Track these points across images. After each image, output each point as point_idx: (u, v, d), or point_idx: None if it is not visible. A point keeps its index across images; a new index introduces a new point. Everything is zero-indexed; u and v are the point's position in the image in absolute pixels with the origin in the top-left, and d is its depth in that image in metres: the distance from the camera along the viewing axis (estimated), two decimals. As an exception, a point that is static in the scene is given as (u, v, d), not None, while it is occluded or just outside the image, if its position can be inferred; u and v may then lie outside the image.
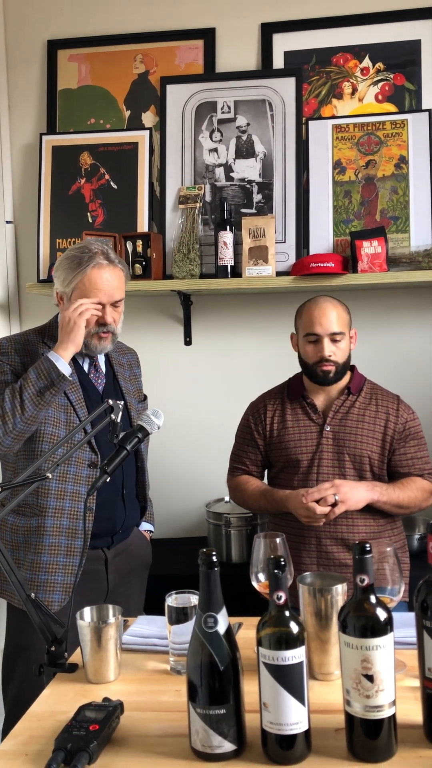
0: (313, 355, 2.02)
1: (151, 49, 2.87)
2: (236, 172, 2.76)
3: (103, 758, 1.12)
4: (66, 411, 1.87)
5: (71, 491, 1.86)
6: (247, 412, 2.21)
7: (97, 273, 1.86)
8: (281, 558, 1.11)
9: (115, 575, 1.94)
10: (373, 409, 2.06)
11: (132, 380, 2.12)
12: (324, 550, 1.99)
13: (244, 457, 2.18)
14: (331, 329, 2.00)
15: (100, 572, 1.91)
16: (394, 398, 2.10)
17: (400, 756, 1.09)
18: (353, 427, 2.04)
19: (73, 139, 2.86)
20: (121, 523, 1.96)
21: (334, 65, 2.77)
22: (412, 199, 2.65)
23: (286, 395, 2.15)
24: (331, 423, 2.05)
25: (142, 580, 2.09)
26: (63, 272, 1.89)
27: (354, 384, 2.09)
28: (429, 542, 1.14)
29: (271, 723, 1.09)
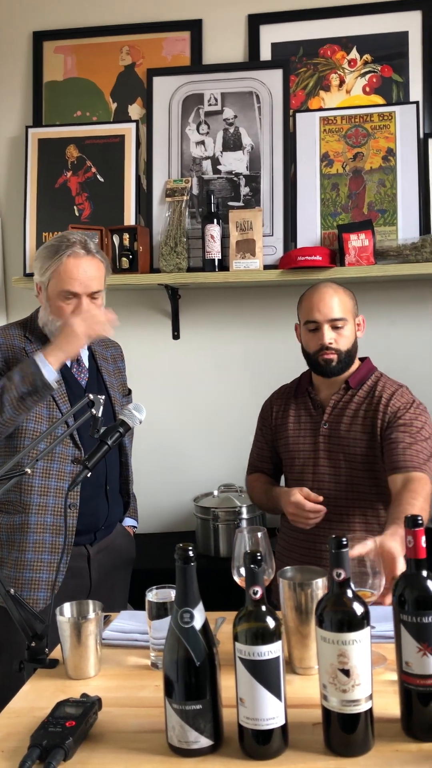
0: (314, 343, 1.93)
1: (138, 40, 2.85)
2: (223, 165, 2.74)
3: (79, 754, 1.11)
4: (48, 406, 1.85)
5: (55, 487, 1.84)
6: (262, 407, 2.17)
7: (73, 262, 1.82)
8: (257, 552, 1.10)
9: (98, 572, 1.93)
10: (368, 402, 1.94)
11: (116, 374, 2.09)
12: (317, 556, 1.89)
13: (256, 455, 2.16)
14: (330, 315, 1.90)
15: (82, 569, 1.89)
16: (394, 389, 1.94)
17: (377, 750, 1.08)
18: (348, 424, 1.94)
19: (59, 132, 2.84)
20: (104, 519, 1.95)
21: (321, 57, 2.76)
22: (399, 192, 2.64)
23: (294, 391, 2.09)
24: (328, 420, 1.97)
25: (126, 575, 2.07)
26: (40, 261, 1.87)
27: (355, 378, 1.97)
28: (407, 536, 1.13)
29: (247, 718, 1.08)
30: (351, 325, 1.95)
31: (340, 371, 1.95)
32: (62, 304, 1.84)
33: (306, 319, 1.95)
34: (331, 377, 1.96)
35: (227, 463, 2.74)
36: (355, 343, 1.98)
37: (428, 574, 1.12)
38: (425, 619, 1.09)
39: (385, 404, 1.91)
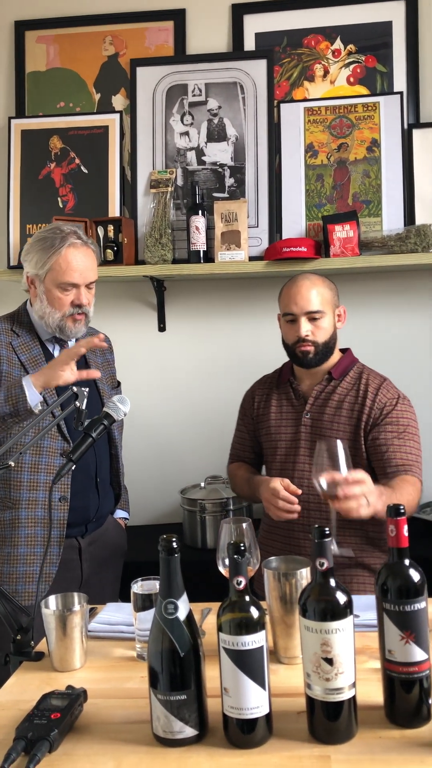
0: (291, 335, 1.94)
1: (121, 30, 2.83)
2: (208, 156, 2.73)
3: (64, 746, 1.11)
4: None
5: (44, 482, 1.84)
6: (243, 398, 2.18)
7: (72, 253, 1.84)
8: (241, 543, 1.10)
9: (90, 564, 1.93)
10: (353, 394, 1.94)
11: (105, 366, 2.10)
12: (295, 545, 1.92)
13: (237, 444, 2.17)
14: (306, 308, 1.91)
15: (73, 561, 1.90)
16: (378, 382, 1.95)
17: (360, 737, 1.09)
18: (331, 414, 1.94)
19: (42, 123, 2.82)
20: (95, 511, 1.95)
21: (305, 47, 2.75)
22: (384, 183, 2.64)
23: (275, 381, 2.10)
24: (311, 410, 1.98)
25: (117, 568, 2.08)
26: (36, 254, 1.86)
27: (337, 369, 1.98)
28: (389, 525, 1.14)
29: (231, 707, 1.09)
30: (329, 316, 1.95)
31: (317, 363, 1.96)
32: (61, 295, 1.85)
33: (284, 311, 1.96)
34: (309, 368, 1.98)
35: (214, 454, 2.74)
36: (334, 335, 1.98)
37: (410, 563, 1.13)
38: (407, 608, 1.10)
39: (372, 398, 1.91)
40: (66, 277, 1.84)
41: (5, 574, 1.82)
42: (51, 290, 1.86)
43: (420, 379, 2.75)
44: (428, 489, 2.69)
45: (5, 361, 1.85)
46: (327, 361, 1.98)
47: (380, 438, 1.87)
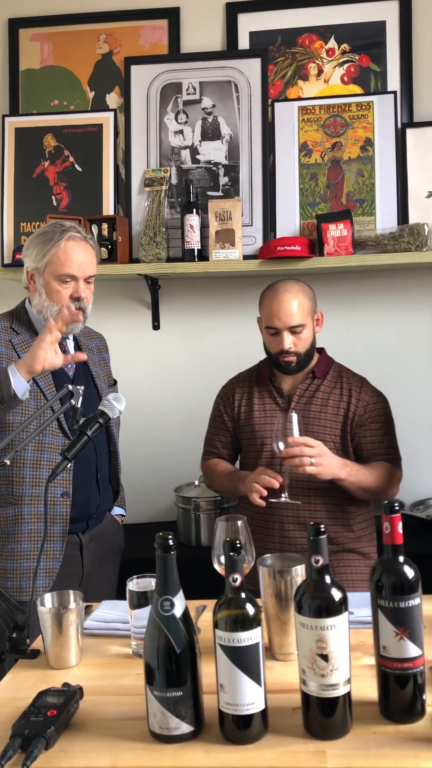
0: (274, 346, 2.01)
1: (115, 28, 2.83)
2: (202, 155, 2.74)
3: (60, 743, 1.12)
4: (35, 398, 1.86)
5: (46, 478, 1.84)
6: (218, 396, 2.22)
7: (71, 245, 1.86)
8: (237, 540, 1.11)
9: (90, 560, 1.94)
10: (337, 392, 2.04)
11: (101, 365, 2.11)
12: (287, 535, 1.99)
13: (215, 441, 2.19)
14: (289, 323, 1.97)
15: (75, 557, 1.91)
16: (359, 380, 2.08)
17: (355, 733, 1.10)
18: (317, 411, 2.02)
19: (36, 121, 2.81)
20: (96, 507, 1.96)
21: (299, 46, 2.75)
22: (377, 182, 2.65)
23: (254, 379, 2.15)
24: (295, 407, 2.04)
25: (115, 564, 2.09)
26: (35, 247, 1.88)
27: (319, 368, 2.07)
28: (384, 522, 1.15)
29: (227, 704, 1.10)
30: (309, 326, 2.02)
31: (298, 370, 2.04)
32: (60, 288, 1.86)
33: (267, 324, 2.02)
34: (291, 375, 2.06)
35: (208, 453, 2.74)
36: (313, 342, 2.06)
37: (405, 559, 1.14)
38: (402, 604, 1.11)
39: (357, 397, 2.03)
40: (65, 268, 1.85)
41: (9, 570, 1.83)
42: (50, 283, 1.86)
43: (414, 378, 2.76)
44: (421, 487, 2.72)
45: (5, 359, 1.85)
46: (308, 365, 2.06)
47: (367, 437, 2.02)
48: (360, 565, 2.02)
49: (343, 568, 1.99)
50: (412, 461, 2.65)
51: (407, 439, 2.60)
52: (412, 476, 2.69)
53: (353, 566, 2.01)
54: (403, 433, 2.51)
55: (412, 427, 2.71)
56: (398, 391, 2.71)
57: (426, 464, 2.74)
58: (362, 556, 2.03)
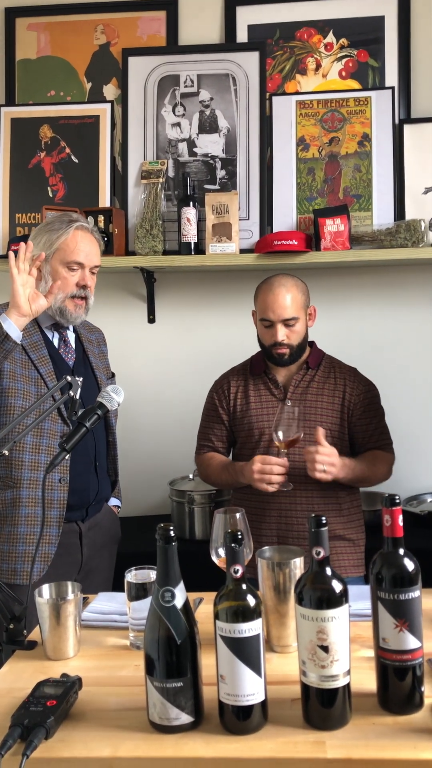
0: (268, 338, 2.06)
1: (113, 19, 2.81)
2: (199, 148, 2.73)
3: (60, 733, 1.12)
4: (36, 384, 1.89)
5: (44, 462, 1.87)
6: (212, 389, 2.23)
7: (80, 234, 1.92)
8: (238, 532, 1.11)
9: (89, 548, 1.96)
10: (331, 382, 2.10)
11: (101, 357, 2.14)
12: (284, 523, 2.03)
13: (210, 434, 2.19)
14: (283, 315, 2.02)
15: (74, 545, 1.92)
16: (351, 370, 2.14)
17: (354, 724, 1.11)
18: (313, 400, 2.07)
19: (32, 112, 2.79)
20: (95, 494, 1.97)
21: (297, 40, 2.75)
22: (374, 177, 2.65)
23: (249, 372, 2.18)
24: (291, 398, 2.08)
25: (112, 554, 2.10)
26: (44, 235, 1.92)
27: (312, 359, 2.12)
28: (384, 515, 1.15)
29: (227, 694, 1.10)
30: (302, 320, 2.07)
31: (291, 362, 2.08)
32: (66, 275, 1.91)
33: (261, 316, 2.07)
34: (284, 366, 2.11)
35: (202, 446, 2.74)
36: (306, 335, 2.10)
37: (405, 552, 1.15)
38: (402, 596, 1.12)
39: (351, 386, 2.10)
40: (74, 255, 1.90)
41: (5, 553, 1.84)
42: (57, 270, 1.91)
43: (409, 373, 2.77)
44: (415, 482, 2.73)
45: None
46: (300, 357, 2.11)
47: (361, 425, 2.09)
48: (350, 551, 2.07)
49: (335, 555, 2.02)
50: (405, 457, 2.66)
51: (401, 434, 2.61)
52: (405, 471, 2.71)
53: (343, 553, 2.05)
54: (397, 428, 2.52)
55: (406, 422, 2.72)
56: (393, 387, 2.72)
57: (419, 460, 2.75)
58: (351, 542, 2.08)
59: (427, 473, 2.76)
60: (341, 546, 2.05)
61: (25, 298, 1.76)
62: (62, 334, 2.00)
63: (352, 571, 2.04)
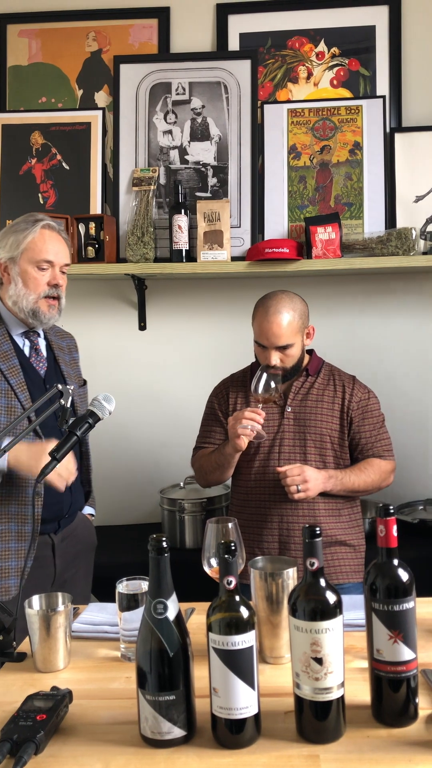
0: (263, 359, 2.07)
1: (104, 26, 2.81)
2: (191, 155, 2.73)
3: (50, 748, 1.10)
4: (6, 396, 1.83)
5: (17, 476, 1.82)
6: (212, 395, 2.25)
7: (47, 233, 1.89)
8: (232, 543, 1.10)
9: (62, 560, 1.92)
10: (331, 388, 2.12)
11: (72, 365, 2.09)
12: (285, 529, 2.03)
13: (209, 437, 2.20)
14: (277, 343, 2.02)
15: (47, 557, 1.89)
16: (350, 378, 2.16)
17: (348, 736, 1.10)
18: (313, 407, 2.08)
19: (23, 118, 2.78)
20: (68, 507, 1.94)
21: (289, 49, 2.76)
22: (366, 186, 2.66)
23: (249, 378, 2.16)
24: (291, 404, 2.09)
25: (88, 563, 2.07)
26: (11, 236, 1.88)
27: (312, 366, 2.13)
28: (378, 525, 1.15)
29: (220, 708, 1.09)
30: (298, 344, 2.07)
31: (285, 381, 2.08)
32: (37, 275, 1.87)
33: (256, 338, 2.08)
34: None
35: (193, 454, 2.73)
36: (302, 355, 2.11)
37: (399, 562, 1.14)
38: (396, 607, 1.11)
39: (350, 392, 2.11)
40: (42, 254, 1.86)
41: None
42: (27, 270, 1.86)
43: (400, 381, 2.78)
44: (408, 490, 2.73)
45: None
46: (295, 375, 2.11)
47: (361, 432, 2.10)
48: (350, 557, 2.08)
49: (336, 560, 2.04)
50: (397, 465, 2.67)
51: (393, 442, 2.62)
52: (398, 479, 2.69)
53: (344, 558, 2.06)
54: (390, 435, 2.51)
55: (398, 430, 2.71)
56: (384, 394, 2.71)
57: (411, 468, 2.75)
58: (352, 548, 2.09)
59: (419, 481, 2.76)
60: (342, 551, 2.06)
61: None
62: (33, 342, 1.95)
63: (353, 577, 2.05)
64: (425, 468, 2.78)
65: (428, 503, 2.67)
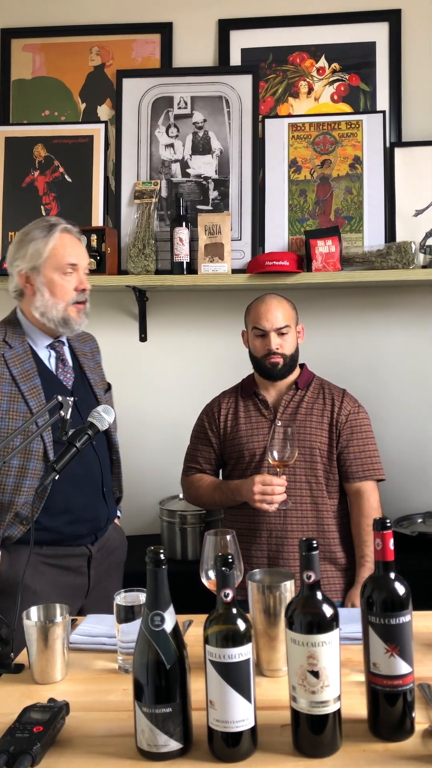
0: (261, 348, 2.09)
1: (108, 41, 2.84)
2: (192, 168, 2.75)
3: (47, 760, 1.10)
4: (25, 418, 1.77)
5: (28, 486, 1.79)
6: (202, 412, 2.25)
7: (67, 236, 1.86)
8: (229, 555, 1.10)
9: (96, 570, 1.90)
10: (320, 402, 2.13)
11: (96, 369, 2.05)
12: (275, 543, 2.02)
13: (198, 456, 2.20)
14: (276, 324, 2.08)
15: (82, 567, 1.87)
16: (340, 391, 2.17)
17: (345, 750, 1.10)
18: (302, 420, 2.08)
19: (26, 131, 2.81)
20: (105, 521, 1.92)
21: (290, 64, 2.78)
22: (365, 200, 2.68)
23: (239, 394, 2.20)
24: (281, 418, 2.09)
25: (119, 574, 2.04)
26: (29, 246, 1.82)
27: (302, 380, 2.15)
28: (375, 539, 1.15)
29: (217, 721, 1.09)
30: (293, 332, 2.13)
31: (285, 374, 2.12)
32: (63, 281, 1.83)
33: (254, 325, 2.12)
34: (276, 380, 2.13)
35: (193, 466, 2.73)
36: (297, 349, 2.14)
37: (396, 576, 1.14)
38: (393, 621, 1.11)
39: (339, 406, 2.12)
40: (66, 258, 1.82)
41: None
42: (53, 278, 1.82)
43: (398, 395, 2.78)
44: (405, 503, 2.73)
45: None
46: (291, 373, 2.13)
47: (349, 446, 2.09)
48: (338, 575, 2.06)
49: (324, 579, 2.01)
50: (395, 478, 2.67)
51: (391, 455, 2.62)
52: (396, 493, 2.71)
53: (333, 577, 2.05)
54: (388, 449, 2.53)
55: (395, 444, 2.73)
56: (384, 408, 2.73)
57: (409, 481, 2.75)
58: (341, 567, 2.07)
59: (417, 494, 2.76)
60: (330, 570, 2.05)
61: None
62: (59, 352, 1.90)
63: (341, 596, 2.03)
64: (424, 481, 2.78)
65: (427, 516, 2.67)
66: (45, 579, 1.79)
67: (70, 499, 1.82)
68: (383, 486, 2.19)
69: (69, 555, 1.84)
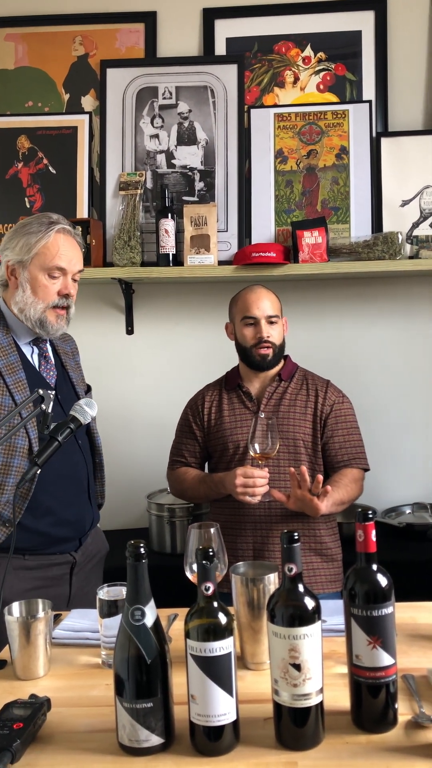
0: (252, 337, 2.08)
1: (91, 31, 2.81)
2: (178, 159, 2.73)
3: (27, 757, 1.09)
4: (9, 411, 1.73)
5: (11, 484, 1.75)
6: (186, 406, 2.24)
7: (63, 238, 1.78)
8: (209, 549, 1.09)
9: (77, 577, 1.85)
10: (304, 393, 2.12)
11: (77, 370, 2.02)
12: (260, 536, 2.02)
13: (183, 450, 2.19)
14: (267, 312, 2.07)
15: (64, 576, 1.82)
16: (324, 382, 2.15)
17: (327, 743, 1.09)
18: (285, 411, 2.08)
19: (9, 122, 2.78)
20: (90, 524, 1.88)
21: (276, 53, 2.76)
22: (352, 190, 2.66)
23: (223, 386, 2.19)
24: (265, 410, 2.09)
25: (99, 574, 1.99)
26: (21, 238, 1.76)
27: (285, 371, 2.14)
28: (357, 530, 1.14)
29: (198, 715, 1.08)
30: (281, 322, 2.12)
31: (273, 364, 2.10)
32: (47, 282, 1.77)
33: (244, 314, 2.09)
34: (264, 371, 2.12)
35: (181, 459, 2.72)
36: (284, 340, 2.13)
37: (378, 567, 1.14)
38: (375, 613, 1.11)
39: (323, 396, 2.11)
40: (55, 260, 1.75)
41: None
42: (37, 277, 1.76)
43: (385, 386, 2.78)
44: (393, 494, 2.73)
45: None
46: (278, 364, 2.13)
47: (334, 436, 2.08)
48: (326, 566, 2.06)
49: (311, 570, 2.02)
50: (383, 468, 2.67)
51: (379, 446, 2.62)
52: (383, 484, 2.71)
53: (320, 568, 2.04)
54: (375, 440, 2.52)
55: (384, 434, 2.72)
56: (371, 398, 2.72)
57: (397, 471, 2.75)
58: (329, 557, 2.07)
59: (405, 485, 2.76)
60: (317, 561, 2.04)
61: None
62: (42, 349, 1.86)
63: (329, 587, 2.03)
64: (411, 473, 2.78)
65: (416, 507, 2.67)
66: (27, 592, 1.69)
67: (55, 500, 1.78)
68: (371, 476, 2.18)
69: (53, 564, 1.79)
